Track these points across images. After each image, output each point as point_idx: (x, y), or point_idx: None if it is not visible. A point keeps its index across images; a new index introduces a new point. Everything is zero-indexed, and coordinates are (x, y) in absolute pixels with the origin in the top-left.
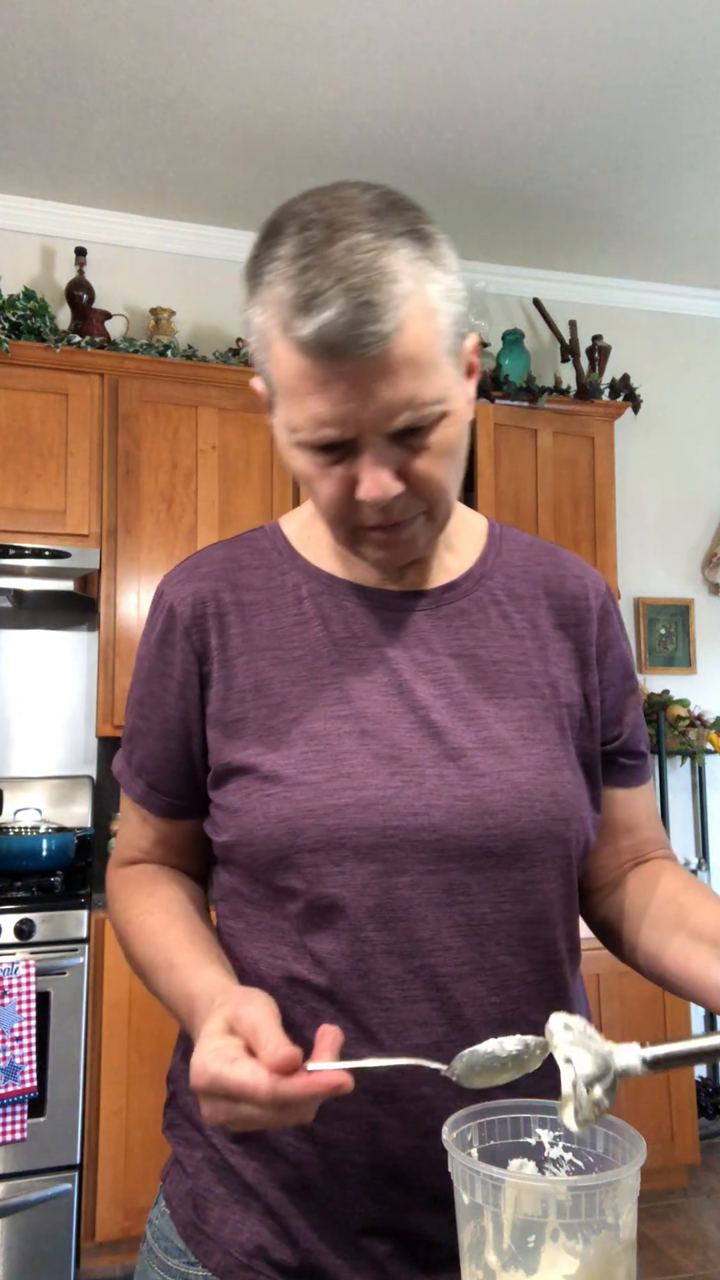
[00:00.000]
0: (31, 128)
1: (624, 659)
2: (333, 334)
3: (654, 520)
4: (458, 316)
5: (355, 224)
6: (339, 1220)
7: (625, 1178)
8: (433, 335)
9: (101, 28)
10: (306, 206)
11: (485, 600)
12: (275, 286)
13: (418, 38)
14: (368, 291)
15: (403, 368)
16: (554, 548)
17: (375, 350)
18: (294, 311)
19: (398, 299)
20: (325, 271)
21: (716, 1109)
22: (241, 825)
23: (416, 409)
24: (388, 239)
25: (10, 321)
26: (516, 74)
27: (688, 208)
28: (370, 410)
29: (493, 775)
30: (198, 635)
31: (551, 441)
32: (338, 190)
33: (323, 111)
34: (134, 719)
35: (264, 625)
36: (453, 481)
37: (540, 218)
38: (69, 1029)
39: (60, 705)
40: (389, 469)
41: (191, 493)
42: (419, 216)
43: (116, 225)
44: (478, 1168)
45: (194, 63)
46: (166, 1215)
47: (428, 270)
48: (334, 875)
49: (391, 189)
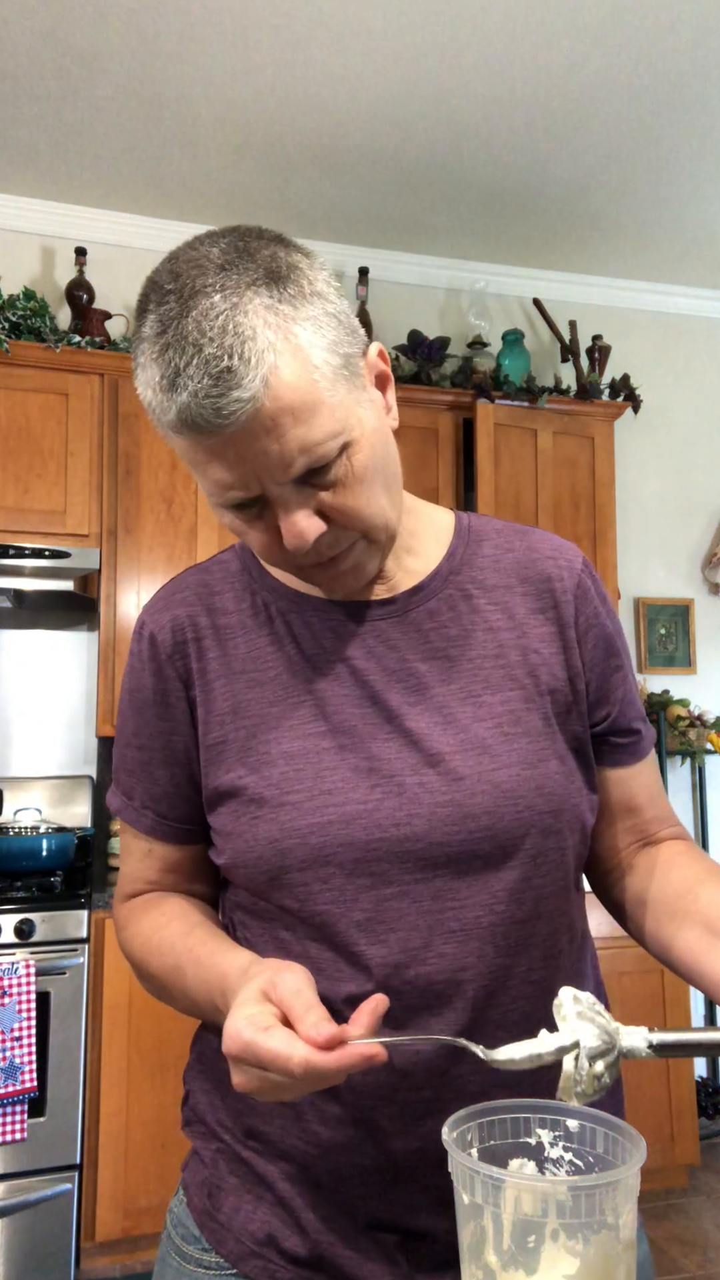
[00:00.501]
0: (31, 128)
1: (606, 635)
2: (198, 412)
3: (654, 520)
4: (337, 341)
5: (205, 287)
6: (347, 1214)
7: (625, 1178)
8: (307, 377)
9: (101, 28)
10: (164, 276)
11: (455, 597)
12: (146, 368)
13: (417, 38)
14: (223, 359)
15: (282, 419)
16: (525, 530)
17: (243, 416)
18: (161, 394)
19: (257, 356)
20: (180, 348)
21: (716, 1109)
22: (234, 848)
23: (310, 453)
24: (239, 294)
25: (10, 321)
26: (517, 74)
27: (688, 208)
28: (264, 467)
29: (473, 777)
30: (180, 661)
31: (551, 441)
32: (191, 250)
33: (323, 111)
34: (131, 752)
35: (239, 648)
36: (380, 502)
37: (540, 218)
38: (69, 1029)
39: (60, 705)
40: (303, 512)
41: (191, 493)
42: (274, 254)
43: (116, 225)
44: (478, 1168)
45: (194, 63)
46: (184, 1203)
47: (289, 312)
48: (324, 892)
49: (247, 230)
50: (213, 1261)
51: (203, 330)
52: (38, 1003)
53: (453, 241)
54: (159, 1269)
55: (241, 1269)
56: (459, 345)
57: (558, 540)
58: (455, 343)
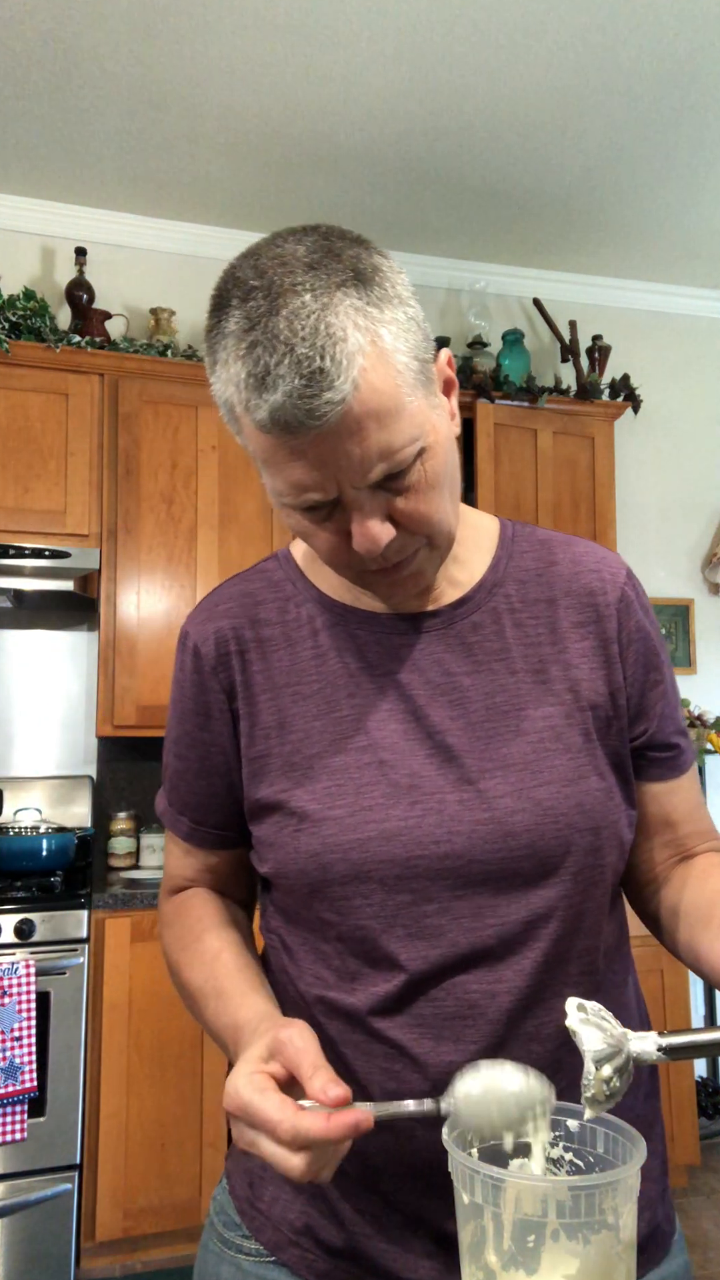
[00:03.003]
0: (31, 128)
1: (647, 650)
2: (288, 412)
3: (654, 520)
4: (417, 345)
5: (295, 286)
6: (383, 1209)
7: (625, 1177)
8: (392, 380)
9: (101, 28)
10: (247, 272)
11: (500, 609)
12: (230, 365)
13: (417, 38)
14: (315, 359)
15: (368, 422)
16: (569, 540)
17: (333, 418)
18: (250, 392)
19: (347, 358)
20: (271, 347)
21: (716, 1109)
22: (276, 859)
23: (390, 458)
24: (329, 294)
25: (10, 321)
26: (516, 74)
27: (688, 208)
28: (345, 470)
29: (513, 795)
30: (224, 673)
31: (551, 441)
32: (274, 247)
33: (323, 111)
34: (172, 759)
35: (283, 661)
36: (446, 508)
37: (540, 218)
38: (69, 1029)
39: (60, 705)
40: (377, 517)
41: (191, 493)
42: (359, 255)
43: (116, 225)
44: (478, 1167)
45: (194, 63)
46: (226, 1191)
47: (376, 314)
48: (364, 907)
49: (330, 229)
50: (252, 1249)
51: (294, 330)
52: (38, 1003)
53: (453, 241)
54: (200, 1254)
55: (279, 1257)
56: (459, 345)
57: (602, 552)
58: (455, 343)
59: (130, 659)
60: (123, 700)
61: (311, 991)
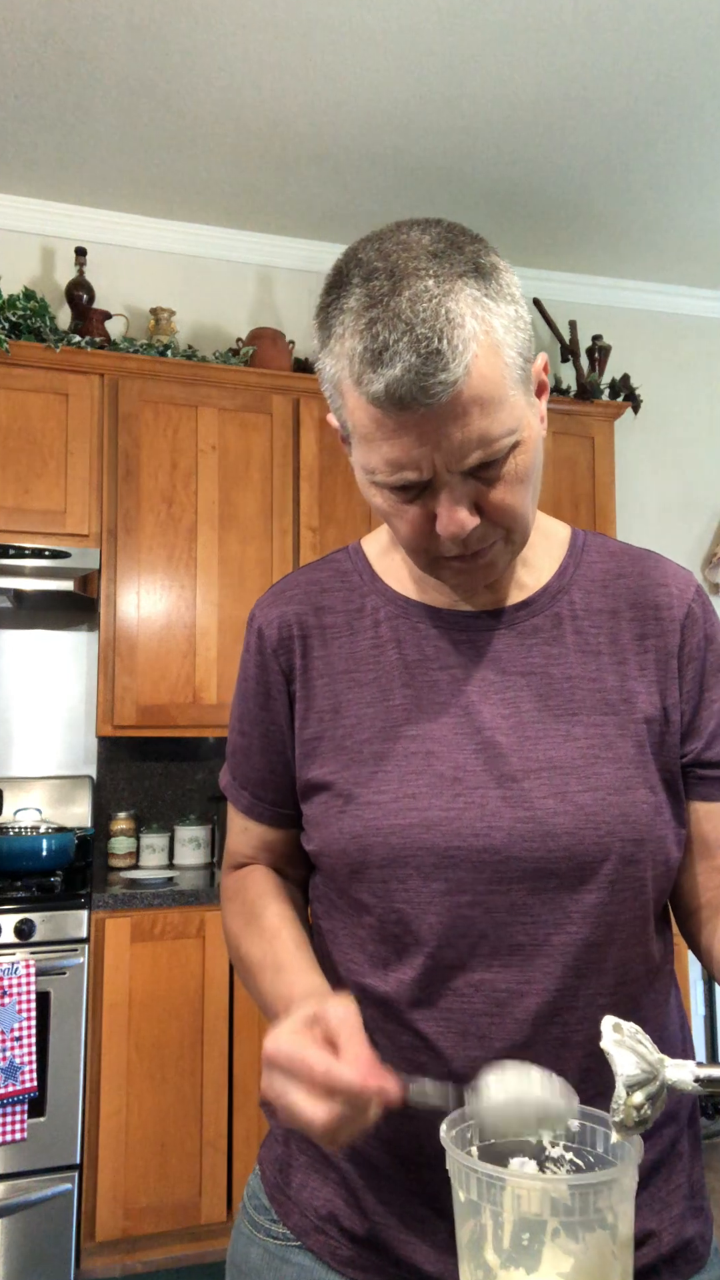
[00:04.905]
0: (31, 128)
1: (706, 667)
2: (402, 387)
3: (654, 520)
4: (523, 343)
5: (418, 270)
6: (406, 1200)
7: (622, 1177)
8: (500, 371)
9: (101, 28)
10: (370, 254)
11: (562, 615)
12: (345, 339)
13: (418, 37)
14: (434, 341)
15: (472, 408)
16: (641, 554)
17: (444, 398)
18: (364, 365)
19: (463, 343)
20: (391, 325)
21: (716, 1109)
22: (322, 838)
23: (488, 446)
24: (450, 282)
25: (10, 321)
26: (517, 74)
27: (688, 208)
28: (443, 452)
29: (556, 796)
30: (285, 656)
31: (551, 441)
32: (399, 234)
33: (323, 111)
34: (235, 736)
35: (343, 648)
36: (529, 504)
37: (540, 218)
38: (69, 1029)
39: (60, 705)
40: (465, 504)
41: (191, 493)
42: (479, 250)
43: (116, 225)
44: (475, 1165)
45: (194, 62)
46: (258, 1176)
47: (491, 306)
48: (400, 891)
49: (452, 224)
50: (280, 1233)
51: (416, 311)
52: (38, 1003)
53: None
54: (233, 1236)
55: (305, 1242)
56: None
57: (673, 567)
58: None
59: (130, 659)
60: (123, 700)
61: (349, 977)
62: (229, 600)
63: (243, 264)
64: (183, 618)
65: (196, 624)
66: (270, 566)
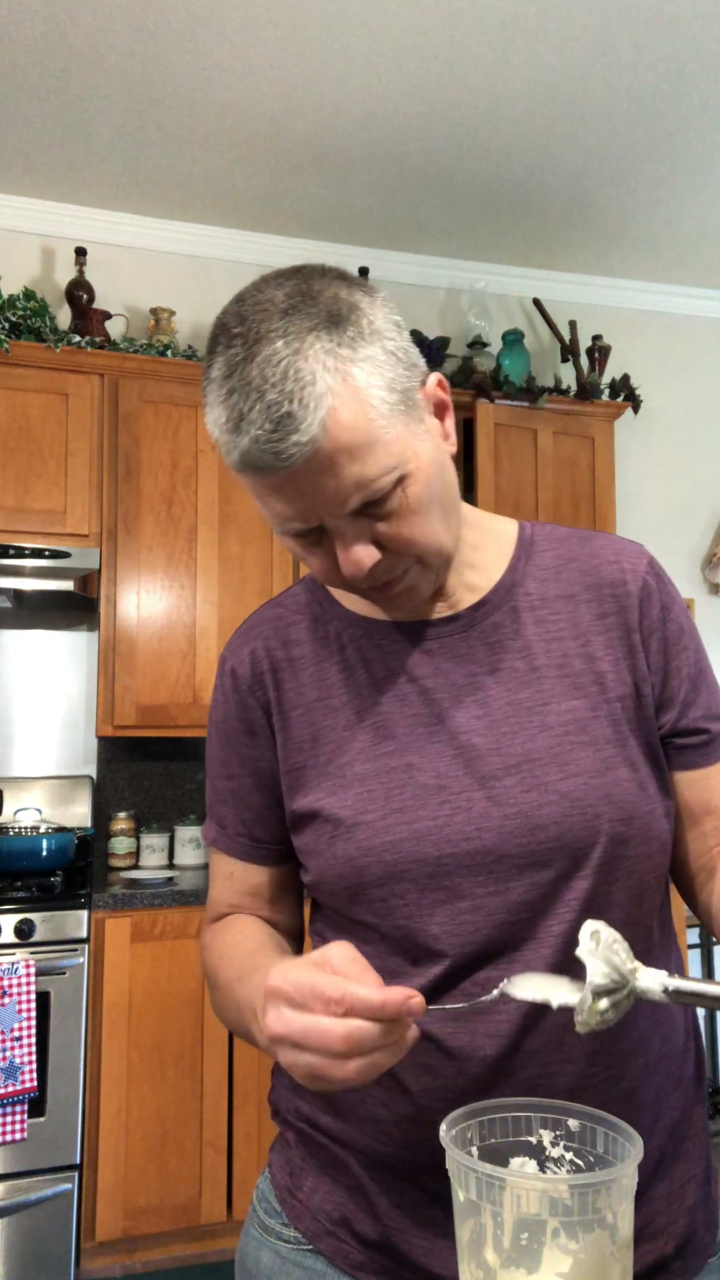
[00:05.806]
0: (31, 128)
1: (669, 637)
2: (257, 455)
3: (654, 520)
4: (396, 377)
5: (269, 333)
6: (417, 1203)
7: (622, 1176)
8: (364, 417)
9: (101, 28)
10: (231, 318)
11: (520, 608)
12: (213, 409)
13: (418, 38)
14: (284, 405)
15: (339, 457)
16: (588, 535)
17: (300, 458)
18: (226, 434)
19: (315, 401)
20: (244, 393)
21: (716, 1109)
22: (317, 866)
23: (365, 488)
24: (300, 339)
25: (10, 321)
26: (517, 74)
27: (688, 208)
28: (321, 503)
29: (540, 788)
30: (260, 691)
31: (551, 441)
32: (257, 293)
33: (323, 111)
34: (221, 783)
35: (313, 676)
36: (435, 528)
37: (540, 218)
38: (69, 1029)
39: (60, 705)
40: (359, 543)
41: (191, 493)
42: (336, 295)
43: (116, 225)
44: (474, 1165)
45: (194, 63)
46: (269, 1179)
47: (348, 354)
48: (400, 907)
49: (311, 270)
50: (291, 1236)
51: (265, 376)
52: (38, 1003)
53: (453, 241)
54: (242, 1240)
55: (317, 1246)
56: (459, 345)
57: (621, 543)
58: (455, 343)
59: (130, 659)
60: (123, 700)
61: None
62: (229, 600)
63: (243, 264)
64: (183, 618)
65: (196, 624)
66: (270, 566)
